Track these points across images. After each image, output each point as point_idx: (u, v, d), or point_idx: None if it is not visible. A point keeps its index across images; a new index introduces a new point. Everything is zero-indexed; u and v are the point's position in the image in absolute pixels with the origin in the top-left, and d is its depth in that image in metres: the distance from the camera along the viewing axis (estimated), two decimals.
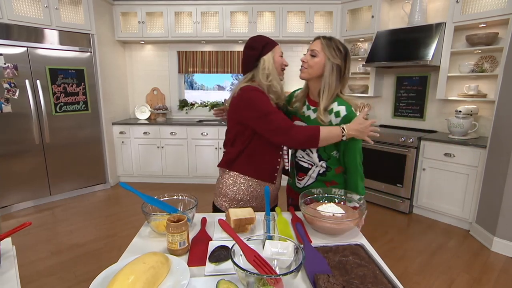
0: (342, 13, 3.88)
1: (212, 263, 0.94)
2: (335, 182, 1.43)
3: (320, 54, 1.29)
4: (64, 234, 2.83)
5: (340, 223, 1.12)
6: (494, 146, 2.62)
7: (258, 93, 1.29)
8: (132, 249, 1.05)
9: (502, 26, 2.84)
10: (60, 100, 3.50)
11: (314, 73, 1.32)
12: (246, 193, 1.39)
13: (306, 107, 1.42)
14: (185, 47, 4.41)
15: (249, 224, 1.13)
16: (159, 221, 1.09)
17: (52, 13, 3.33)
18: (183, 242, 0.99)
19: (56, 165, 3.55)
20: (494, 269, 2.34)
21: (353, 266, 0.92)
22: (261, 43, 1.36)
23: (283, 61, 1.39)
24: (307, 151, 1.42)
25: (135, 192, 1.18)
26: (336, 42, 1.31)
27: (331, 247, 1.03)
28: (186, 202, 1.24)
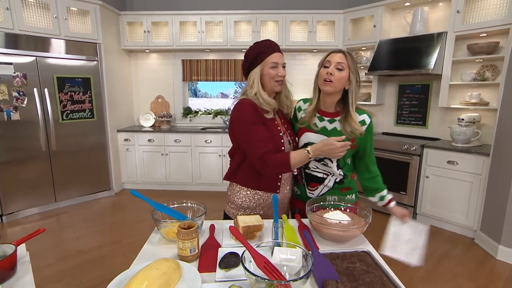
0: (345, 22, 3.94)
1: (222, 269, 0.96)
2: (350, 188, 1.48)
3: (346, 69, 1.31)
4: (70, 240, 2.85)
5: (347, 230, 1.14)
6: (497, 153, 2.63)
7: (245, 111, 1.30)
8: (143, 255, 1.07)
9: (503, 35, 2.88)
10: (67, 108, 3.56)
11: (339, 87, 1.33)
12: (252, 201, 1.41)
13: (319, 119, 1.41)
14: (190, 56, 4.48)
15: (257, 231, 1.15)
16: (169, 228, 1.11)
17: (61, 23, 3.41)
18: (194, 249, 1.01)
19: (61, 172, 3.59)
20: (500, 277, 2.33)
21: (360, 273, 0.93)
22: (253, 54, 1.36)
23: (276, 73, 1.34)
24: (325, 161, 1.41)
25: (145, 199, 1.20)
26: (352, 54, 1.36)
27: (338, 254, 1.05)
28: (195, 209, 1.26)
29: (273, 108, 1.37)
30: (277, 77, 1.35)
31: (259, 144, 1.28)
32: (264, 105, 1.34)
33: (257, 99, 1.34)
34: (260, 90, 1.34)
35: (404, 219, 1.34)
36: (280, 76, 1.35)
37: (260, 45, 1.37)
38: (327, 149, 1.25)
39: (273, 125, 1.38)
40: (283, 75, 1.36)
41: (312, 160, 1.43)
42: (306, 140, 1.43)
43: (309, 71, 4.48)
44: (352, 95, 1.34)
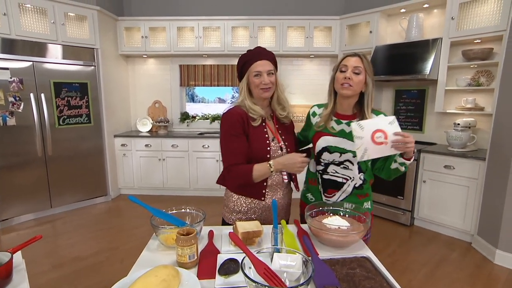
0: (341, 28, 3.98)
1: (222, 276, 0.95)
2: (368, 194, 1.47)
3: (363, 72, 1.32)
4: (65, 247, 2.81)
5: (346, 235, 1.14)
6: (493, 158, 2.66)
7: (227, 120, 1.36)
8: (142, 262, 1.06)
9: (497, 41, 2.92)
10: (63, 113, 3.54)
11: (357, 90, 1.34)
12: (244, 205, 1.42)
13: (336, 122, 1.42)
14: (187, 61, 4.49)
15: (256, 237, 1.14)
16: (168, 234, 1.11)
17: (59, 29, 3.41)
18: (193, 255, 1.00)
19: (57, 177, 3.56)
20: (498, 282, 2.34)
21: (360, 279, 0.93)
22: (240, 64, 1.39)
23: (260, 81, 1.34)
24: (345, 164, 1.40)
25: (143, 205, 1.20)
26: (367, 57, 1.36)
27: (338, 259, 1.05)
28: (194, 215, 1.26)
29: (259, 115, 1.37)
30: (261, 85, 1.34)
31: (230, 155, 1.34)
32: (251, 112, 1.36)
33: (244, 106, 1.38)
34: (245, 98, 1.37)
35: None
36: (264, 84, 1.34)
37: (246, 54, 1.38)
38: (288, 163, 1.30)
39: (260, 132, 1.39)
40: (266, 83, 1.34)
41: (331, 164, 1.42)
42: (324, 143, 1.42)
43: (306, 76, 4.51)
44: (368, 97, 1.36)
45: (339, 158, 1.41)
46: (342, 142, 1.39)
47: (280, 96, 1.44)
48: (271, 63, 1.37)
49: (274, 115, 1.47)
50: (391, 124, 1.22)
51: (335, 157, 1.41)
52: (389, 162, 1.36)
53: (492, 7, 2.84)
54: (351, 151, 1.37)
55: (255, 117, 1.37)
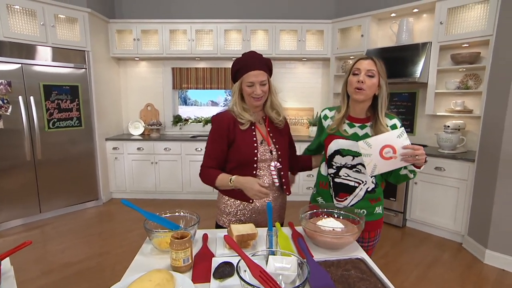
0: (333, 32, 4.02)
1: (217, 279, 0.94)
2: (380, 199, 1.45)
3: (377, 75, 1.31)
4: (55, 252, 2.75)
5: (341, 237, 1.14)
6: (482, 159, 2.71)
7: (213, 125, 1.42)
8: (135, 266, 1.04)
9: (484, 46, 2.99)
10: (53, 116, 3.48)
11: (370, 94, 1.33)
12: (233, 207, 1.44)
13: (348, 125, 1.41)
14: (180, 64, 4.47)
15: (251, 240, 1.14)
16: (162, 238, 1.09)
17: (48, 31, 3.37)
18: (187, 259, 0.99)
19: (47, 181, 3.49)
20: (488, 281, 2.37)
21: (355, 280, 0.93)
22: (234, 69, 1.39)
23: (252, 91, 1.35)
24: (358, 168, 1.38)
25: (137, 209, 1.18)
26: (380, 60, 1.34)
27: (332, 261, 1.05)
28: (188, 218, 1.25)
29: (247, 121, 1.39)
30: (253, 94, 1.35)
31: (205, 157, 1.43)
32: (240, 117, 1.39)
33: (233, 112, 1.41)
34: (236, 103, 1.40)
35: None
36: (256, 95, 1.35)
37: (240, 60, 1.37)
38: (247, 186, 1.30)
39: (248, 135, 1.40)
40: (258, 94, 1.35)
41: (344, 168, 1.41)
42: (336, 147, 1.41)
43: (298, 79, 4.54)
44: (382, 100, 1.34)
45: (351, 162, 1.39)
46: (355, 146, 1.35)
47: (273, 101, 1.45)
48: (265, 73, 1.36)
49: (267, 118, 1.48)
50: (399, 138, 1.21)
51: (347, 160, 1.39)
52: (398, 168, 1.32)
53: (479, 12, 2.92)
54: None
55: (243, 122, 1.39)
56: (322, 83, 4.51)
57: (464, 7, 3.00)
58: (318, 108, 4.55)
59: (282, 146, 1.47)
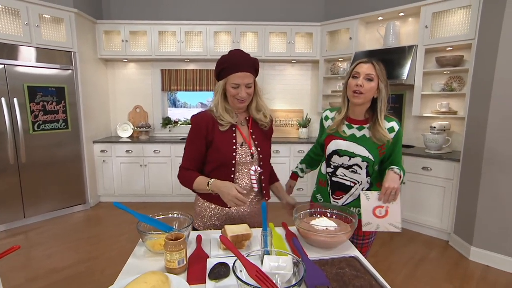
0: (322, 34, 4.08)
1: (212, 280, 0.94)
2: None
3: (375, 79, 1.34)
4: (41, 258, 2.68)
5: (334, 236, 1.15)
6: (466, 159, 2.79)
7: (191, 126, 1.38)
8: (128, 269, 1.03)
9: (466, 49, 3.09)
10: (38, 119, 3.40)
11: (369, 97, 1.36)
12: (207, 210, 1.42)
13: (347, 126, 1.44)
14: (169, 66, 4.44)
15: (245, 240, 1.14)
16: (155, 240, 1.08)
17: (33, 31, 3.28)
18: (182, 260, 0.99)
19: (31, 185, 3.39)
20: (473, 277, 2.44)
21: (350, 278, 0.95)
22: (219, 67, 1.33)
23: (237, 93, 1.29)
24: (354, 168, 1.42)
25: (129, 211, 1.17)
26: (380, 63, 1.36)
27: (327, 260, 1.06)
28: (181, 220, 1.24)
29: (227, 123, 1.34)
30: (237, 96, 1.30)
31: (184, 158, 1.40)
32: (220, 118, 1.34)
33: (213, 112, 1.36)
34: (219, 103, 1.34)
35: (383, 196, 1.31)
36: (240, 97, 1.30)
37: (226, 59, 1.31)
38: (224, 190, 1.24)
39: (228, 137, 1.35)
40: (242, 97, 1.30)
41: (340, 167, 1.44)
42: (334, 147, 1.44)
43: (288, 81, 4.57)
44: (380, 103, 1.36)
45: (348, 162, 1.42)
46: (352, 146, 1.40)
47: (259, 102, 1.40)
48: (251, 75, 1.31)
49: (251, 120, 1.43)
50: (369, 199, 1.33)
51: (344, 160, 1.43)
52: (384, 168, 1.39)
53: (462, 17, 3.01)
54: (360, 156, 1.39)
55: (223, 123, 1.34)
56: (311, 85, 4.56)
57: (447, 12, 3.09)
58: (308, 109, 4.59)
59: (265, 149, 1.42)
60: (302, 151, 4.06)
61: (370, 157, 1.39)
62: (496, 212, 2.53)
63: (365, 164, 1.40)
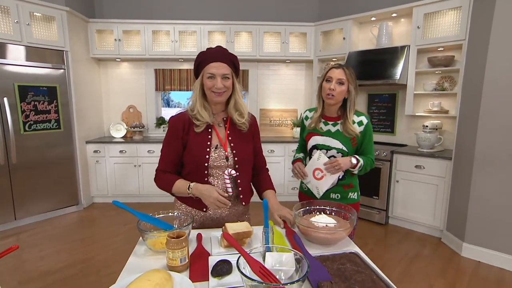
0: (316, 34, 4.11)
1: (215, 277, 0.94)
2: (352, 185, 1.68)
3: (346, 82, 1.55)
4: (34, 261, 2.63)
5: (334, 233, 1.17)
6: (458, 157, 2.85)
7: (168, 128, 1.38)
8: (130, 268, 1.02)
9: (457, 50, 3.15)
10: (29, 119, 3.34)
11: (340, 98, 1.58)
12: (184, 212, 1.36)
13: (323, 123, 1.66)
14: (163, 65, 4.41)
15: (246, 238, 1.14)
16: (156, 239, 1.08)
17: (23, 29, 3.23)
18: (184, 258, 0.99)
19: (22, 187, 3.33)
20: (466, 273, 2.49)
21: (351, 273, 0.96)
22: (196, 62, 1.30)
23: (213, 84, 1.25)
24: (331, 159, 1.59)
25: (128, 209, 1.16)
26: (350, 68, 1.58)
27: (328, 256, 1.08)
28: (181, 219, 1.23)
29: (203, 122, 1.31)
30: (214, 88, 1.26)
31: (160, 160, 1.39)
32: (196, 118, 1.31)
33: (191, 111, 1.33)
34: (196, 101, 1.31)
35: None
36: (217, 88, 1.25)
37: (202, 53, 1.29)
38: (205, 193, 1.24)
39: (202, 139, 1.32)
40: (219, 88, 1.25)
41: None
42: (313, 142, 1.65)
43: (282, 80, 4.59)
44: (349, 103, 1.59)
45: (325, 154, 1.62)
46: (328, 140, 1.62)
47: (237, 101, 1.35)
48: (228, 67, 1.27)
49: (229, 121, 1.39)
50: (319, 159, 1.59)
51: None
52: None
53: (452, 18, 3.07)
54: (335, 148, 1.61)
55: (198, 124, 1.31)
56: (306, 85, 4.59)
57: (439, 13, 3.15)
58: (302, 109, 4.61)
59: (242, 152, 1.37)
60: None
61: (344, 148, 1.60)
62: (487, 208, 2.59)
63: (340, 155, 1.61)
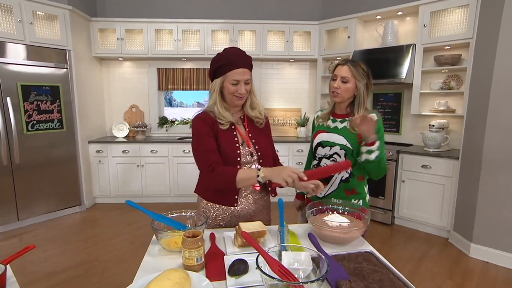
0: (320, 33, 4.11)
1: (232, 276, 0.95)
2: (356, 191, 1.54)
3: (351, 80, 1.46)
4: (38, 262, 2.63)
5: (348, 232, 1.17)
6: (465, 157, 2.85)
7: (196, 125, 1.33)
8: (145, 267, 1.03)
9: (464, 48, 3.16)
10: (32, 118, 3.34)
11: (346, 97, 1.50)
12: (212, 211, 1.40)
13: (332, 121, 1.58)
14: (165, 64, 4.42)
15: (261, 237, 1.15)
16: (170, 238, 1.08)
17: (26, 28, 3.23)
18: (200, 258, 0.99)
19: (25, 187, 3.33)
20: (474, 274, 2.49)
21: (368, 272, 0.97)
22: (217, 64, 1.31)
23: (236, 90, 1.29)
24: (334, 157, 1.53)
25: (143, 209, 1.17)
26: (360, 64, 1.49)
27: (343, 255, 1.08)
28: (195, 218, 1.24)
29: (227, 121, 1.34)
30: (237, 93, 1.31)
31: (209, 154, 1.29)
32: (220, 117, 1.34)
33: (213, 112, 1.35)
34: (217, 101, 1.33)
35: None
36: (240, 94, 1.31)
37: (224, 56, 1.31)
38: (277, 171, 1.20)
39: (230, 135, 1.35)
40: (242, 93, 1.31)
41: (323, 158, 1.55)
42: (319, 139, 1.59)
43: (286, 80, 4.60)
44: (358, 100, 1.51)
45: (329, 152, 1.55)
46: (333, 137, 1.54)
47: (253, 100, 1.41)
48: (249, 71, 1.33)
49: (246, 119, 1.43)
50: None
51: (326, 151, 1.56)
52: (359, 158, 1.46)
53: (460, 16, 3.08)
54: (338, 144, 1.51)
55: (223, 122, 1.34)
56: (309, 84, 4.59)
57: (445, 11, 3.16)
58: (306, 109, 4.62)
59: (263, 147, 1.43)
60: (301, 150, 4.09)
61: (348, 145, 1.49)
62: (495, 209, 2.60)
63: (343, 152, 1.50)
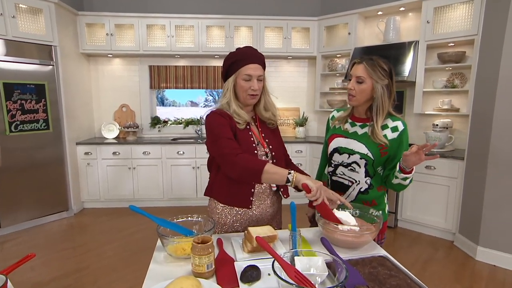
0: (319, 29, 4.14)
1: (245, 283, 0.95)
2: (375, 203, 1.47)
3: (367, 80, 1.35)
4: (23, 271, 2.58)
5: (360, 236, 1.19)
6: (471, 158, 2.91)
7: (213, 118, 1.32)
8: (153, 275, 1.02)
9: (469, 45, 3.22)
10: (16, 119, 3.29)
11: (363, 99, 1.39)
12: (228, 217, 1.40)
13: (350, 124, 1.48)
14: (158, 61, 4.39)
15: (271, 242, 1.15)
16: (177, 244, 1.08)
17: (8, 22, 3.18)
18: (211, 264, 0.99)
19: (8, 192, 3.28)
20: (482, 277, 2.54)
21: (385, 277, 0.98)
22: (228, 62, 1.34)
23: (249, 86, 1.31)
24: (352, 166, 1.45)
25: (147, 215, 1.17)
26: (379, 61, 1.37)
27: (357, 260, 1.10)
28: (201, 223, 1.24)
29: (244, 121, 1.36)
30: (250, 90, 1.32)
31: (231, 142, 1.26)
32: (235, 116, 1.34)
33: (228, 109, 1.35)
34: (231, 101, 1.34)
35: None
36: (253, 90, 1.32)
37: (236, 53, 1.34)
38: (317, 185, 1.16)
39: (246, 135, 1.36)
40: (255, 89, 1.32)
41: (340, 166, 1.48)
42: (335, 145, 1.49)
43: (284, 78, 4.62)
44: (376, 103, 1.37)
45: (347, 160, 1.46)
46: (352, 144, 1.44)
47: (267, 100, 1.43)
48: (262, 68, 1.35)
49: (258, 119, 1.46)
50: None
51: (344, 158, 1.47)
52: (390, 177, 1.39)
53: (464, 12, 3.14)
54: (358, 153, 1.42)
55: (240, 121, 1.35)
56: (308, 82, 4.62)
57: (449, 7, 3.21)
58: (304, 108, 4.65)
59: (276, 147, 1.45)
60: (300, 151, 4.12)
61: (369, 154, 1.39)
62: (502, 211, 2.65)
63: (363, 162, 1.41)
